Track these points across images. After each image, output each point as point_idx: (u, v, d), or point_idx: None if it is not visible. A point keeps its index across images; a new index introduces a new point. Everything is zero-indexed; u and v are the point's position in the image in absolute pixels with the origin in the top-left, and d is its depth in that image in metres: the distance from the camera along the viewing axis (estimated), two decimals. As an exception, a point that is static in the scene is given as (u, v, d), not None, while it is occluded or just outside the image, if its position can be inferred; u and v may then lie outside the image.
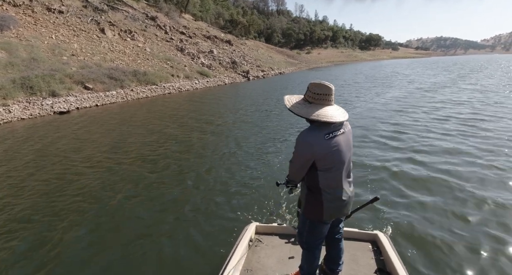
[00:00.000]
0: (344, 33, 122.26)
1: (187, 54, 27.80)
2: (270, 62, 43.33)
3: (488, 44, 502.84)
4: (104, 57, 20.04)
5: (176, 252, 3.53)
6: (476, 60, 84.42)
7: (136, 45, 24.34)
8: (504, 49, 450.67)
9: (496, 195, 4.71)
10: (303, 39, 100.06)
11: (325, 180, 1.95)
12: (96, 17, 24.50)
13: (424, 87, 20.09)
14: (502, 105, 12.42)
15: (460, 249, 3.47)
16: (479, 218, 4.11)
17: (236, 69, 29.97)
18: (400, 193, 4.90)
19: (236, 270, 2.42)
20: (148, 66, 21.75)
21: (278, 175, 5.59)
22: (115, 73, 17.74)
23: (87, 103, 14.57)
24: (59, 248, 3.69)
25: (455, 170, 5.71)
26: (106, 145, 8.15)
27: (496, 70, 35.48)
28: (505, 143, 7.29)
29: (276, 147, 7.67)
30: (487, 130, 8.59)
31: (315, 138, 1.86)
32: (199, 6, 54.23)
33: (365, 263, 2.56)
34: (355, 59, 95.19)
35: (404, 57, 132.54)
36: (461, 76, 27.85)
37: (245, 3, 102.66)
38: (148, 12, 32.70)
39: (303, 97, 1.97)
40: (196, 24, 42.16)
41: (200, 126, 10.42)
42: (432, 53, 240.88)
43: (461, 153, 6.67)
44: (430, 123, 9.67)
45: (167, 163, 6.66)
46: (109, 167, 6.43)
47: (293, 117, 10.70)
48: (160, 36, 29.10)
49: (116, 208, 4.62)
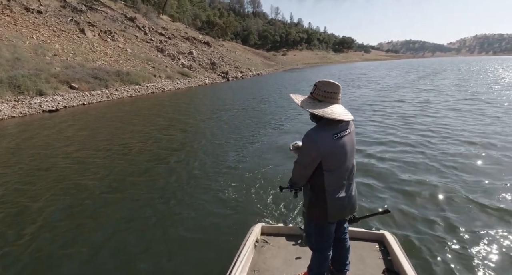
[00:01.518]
0: (319, 35, 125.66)
1: (167, 55, 28.39)
2: (248, 63, 44.50)
3: (454, 47, 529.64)
4: (86, 57, 20.38)
5: (183, 254, 3.55)
6: (440, 62, 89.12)
7: (117, 46, 24.70)
8: (469, 52, 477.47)
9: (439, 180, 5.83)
10: (279, 41, 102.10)
11: (331, 181, 1.94)
12: (75, 17, 24.65)
13: (383, 87, 21.58)
14: (443, 104, 13.83)
15: (469, 248, 3.48)
16: (486, 218, 4.19)
17: (215, 70, 30.87)
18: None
19: (243, 271, 2.40)
20: (130, 67, 22.24)
21: (282, 175, 5.67)
22: (99, 73, 18.22)
23: (74, 102, 15.04)
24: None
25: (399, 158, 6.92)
26: (98, 141, 8.92)
27: (453, 72, 38.08)
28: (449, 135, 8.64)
29: (280, 147, 7.75)
30: (422, 123, 9.71)
31: (322, 137, 1.86)
32: (176, 7, 54.55)
33: (372, 263, 2.55)
34: (329, 61, 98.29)
35: (375, 59, 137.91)
36: (419, 77, 29.92)
37: (221, 4, 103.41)
38: (127, 13, 32.95)
39: (310, 95, 1.97)
40: (175, 25, 42.61)
41: (203, 123, 11.34)
42: (402, 55, 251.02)
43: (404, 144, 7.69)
44: (373, 118, 10.76)
45: (169, 161, 6.84)
46: (107, 166, 6.73)
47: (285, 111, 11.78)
48: (140, 37, 29.49)
49: (124, 210, 4.66)
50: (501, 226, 3.94)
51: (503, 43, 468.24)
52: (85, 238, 3.93)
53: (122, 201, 4.92)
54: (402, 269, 2.34)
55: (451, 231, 3.83)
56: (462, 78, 28.32)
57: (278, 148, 7.63)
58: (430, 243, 3.56)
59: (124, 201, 4.92)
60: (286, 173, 5.57)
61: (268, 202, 4.67)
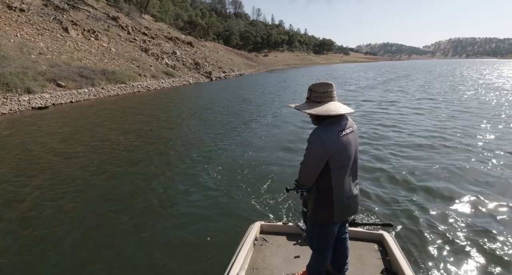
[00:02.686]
0: (299, 37, 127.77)
1: (151, 55, 28.77)
2: (230, 64, 45.24)
3: (429, 50, 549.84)
4: (71, 56, 20.59)
5: (182, 252, 3.59)
6: (415, 64, 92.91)
7: (101, 45, 24.91)
8: (443, 55, 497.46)
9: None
10: (261, 42, 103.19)
11: (337, 180, 1.96)
12: (58, 16, 24.68)
13: (356, 88, 22.78)
14: (404, 103, 14.82)
15: (468, 248, 3.55)
16: (484, 213, 4.32)
17: (199, 70, 31.47)
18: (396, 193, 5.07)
19: (242, 269, 2.41)
20: (115, 66, 22.57)
21: (281, 173, 5.80)
22: (85, 72, 18.54)
23: (62, 99, 15.38)
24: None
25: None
26: (89, 137, 9.51)
27: (423, 74, 39.90)
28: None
29: (282, 145, 7.99)
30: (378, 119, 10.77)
31: (329, 135, 1.88)
32: (158, 7, 54.57)
33: (371, 263, 2.56)
34: (310, 62, 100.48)
35: (354, 61, 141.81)
36: (390, 79, 31.47)
37: (203, 4, 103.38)
38: (109, 12, 33.00)
39: (307, 100, 2.00)
40: (157, 25, 42.80)
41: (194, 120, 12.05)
42: (380, 58, 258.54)
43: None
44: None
45: (170, 160, 6.97)
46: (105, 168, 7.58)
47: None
48: (124, 36, 29.70)
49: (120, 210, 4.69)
50: (500, 225, 3.99)
51: (475, 47, 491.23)
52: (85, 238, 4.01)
53: (120, 199, 5.01)
54: (400, 269, 2.36)
55: (449, 231, 3.87)
56: (430, 79, 30.16)
57: (276, 146, 7.93)
58: (428, 244, 3.62)
59: (121, 198, 5.02)
60: (286, 171, 5.90)
61: (268, 200, 4.70)
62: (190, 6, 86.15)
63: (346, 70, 57.57)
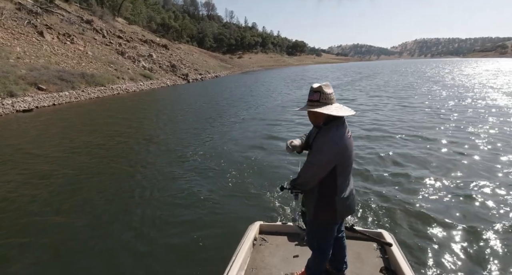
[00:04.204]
0: (273, 39, 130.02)
1: (128, 58, 29.22)
2: (206, 66, 46.11)
3: (396, 50, 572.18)
4: (49, 60, 20.86)
5: (181, 252, 3.63)
6: (383, 64, 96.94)
7: (77, 49, 25.17)
8: (410, 55, 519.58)
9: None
10: (234, 44, 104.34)
11: (341, 180, 1.97)
12: (32, 20, 24.70)
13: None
14: (360, 101, 16.10)
15: (466, 246, 3.56)
16: (481, 210, 4.33)
17: (176, 72, 32.21)
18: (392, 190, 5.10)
19: (241, 269, 2.43)
20: (93, 69, 22.98)
21: (280, 174, 5.83)
22: (64, 75, 18.97)
23: (45, 102, 15.86)
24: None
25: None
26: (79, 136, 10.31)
27: (387, 74, 41.36)
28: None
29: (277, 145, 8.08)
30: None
31: (340, 137, 1.90)
32: (131, 10, 54.49)
33: (370, 261, 2.58)
34: (283, 63, 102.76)
35: (326, 62, 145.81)
36: (356, 79, 32.82)
37: (175, 6, 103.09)
38: (82, 16, 33.03)
39: (317, 102, 1.93)
40: (131, 28, 42.97)
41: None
42: (351, 59, 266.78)
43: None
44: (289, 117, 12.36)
45: (171, 160, 7.05)
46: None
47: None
48: (99, 40, 29.94)
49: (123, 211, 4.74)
50: (499, 224, 3.99)
51: (439, 47, 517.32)
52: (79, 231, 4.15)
53: (117, 199, 5.10)
54: (399, 268, 2.37)
55: (448, 229, 3.91)
56: (390, 79, 32.08)
57: (273, 144, 8.14)
58: (427, 242, 3.66)
59: (121, 199, 5.12)
60: (286, 170, 6.03)
61: (267, 200, 4.75)
62: (163, 8, 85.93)
63: (317, 70, 59.74)
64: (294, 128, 10.13)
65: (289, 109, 13.04)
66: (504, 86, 21.11)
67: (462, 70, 45.04)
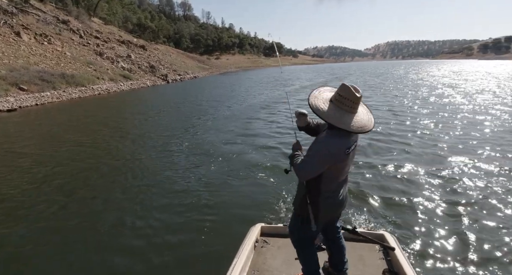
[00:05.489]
0: (250, 40, 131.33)
1: (106, 58, 29.42)
2: (184, 66, 46.60)
3: (370, 52, 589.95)
4: (27, 60, 20.95)
5: (182, 254, 3.63)
6: (356, 66, 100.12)
7: (55, 49, 25.21)
8: (382, 57, 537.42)
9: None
10: (212, 45, 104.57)
11: (328, 185, 1.95)
12: (8, 20, 24.52)
13: (290, 90, 24.05)
14: None
15: (468, 248, 3.56)
16: (482, 215, 4.26)
17: (155, 73, 32.66)
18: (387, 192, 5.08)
19: (242, 271, 2.42)
20: (72, 70, 23.19)
21: (280, 175, 5.74)
22: (45, 76, 19.23)
23: (27, 102, 16.18)
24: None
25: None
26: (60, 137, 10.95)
27: (359, 75, 43.15)
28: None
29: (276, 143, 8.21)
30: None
31: (339, 150, 1.82)
32: (106, 10, 54.03)
33: (372, 263, 2.57)
34: (261, 64, 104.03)
35: (302, 63, 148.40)
36: (328, 80, 34.57)
37: (151, 6, 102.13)
38: (58, 15, 32.80)
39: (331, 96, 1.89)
40: (108, 28, 42.83)
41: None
42: (326, 60, 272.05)
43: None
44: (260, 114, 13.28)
45: (171, 161, 7.05)
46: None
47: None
48: (77, 40, 29.93)
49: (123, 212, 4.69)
50: (500, 226, 3.98)
51: (410, 49, 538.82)
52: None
53: (113, 201, 5.07)
54: (401, 270, 2.35)
55: (450, 231, 3.88)
56: (358, 80, 33.40)
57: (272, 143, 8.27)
58: (429, 244, 3.62)
59: (120, 201, 5.08)
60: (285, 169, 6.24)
61: (268, 202, 4.75)
62: (138, 8, 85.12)
63: (293, 71, 61.14)
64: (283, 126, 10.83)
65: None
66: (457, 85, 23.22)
67: (420, 72, 47.99)
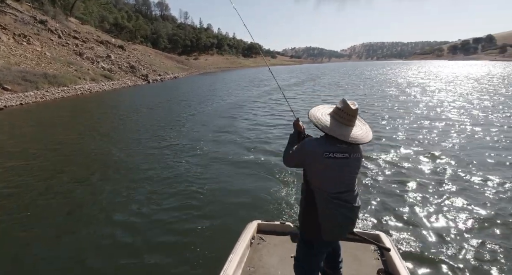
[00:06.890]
0: (228, 41, 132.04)
1: (86, 59, 29.62)
2: (164, 67, 46.99)
3: (346, 53, 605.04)
4: (8, 60, 21.08)
5: (177, 251, 3.64)
6: (333, 66, 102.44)
7: (35, 49, 25.28)
8: (358, 57, 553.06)
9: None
10: (190, 45, 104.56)
11: (323, 202, 1.83)
12: (-15, 20, 24.39)
13: (267, 90, 24.17)
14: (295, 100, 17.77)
15: (463, 248, 3.57)
16: (477, 216, 4.26)
17: (135, 73, 33.10)
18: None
19: (238, 267, 2.42)
20: (53, 70, 23.43)
21: (278, 172, 5.87)
22: (27, 76, 19.53)
23: (12, 102, 16.53)
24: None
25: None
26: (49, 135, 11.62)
27: (333, 75, 43.99)
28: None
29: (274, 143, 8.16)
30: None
31: (314, 150, 1.80)
32: (83, 9, 53.46)
33: (367, 263, 2.57)
34: (240, 65, 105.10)
35: (281, 64, 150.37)
36: (303, 80, 34.79)
37: (127, 6, 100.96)
38: (35, 15, 32.56)
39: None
40: (85, 28, 42.64)
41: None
42: (304, 60, 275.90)
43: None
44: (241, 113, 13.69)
45: (167, 161, 6.98)
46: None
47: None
48: (55, 40, 29.93)
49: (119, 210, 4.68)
50: (495, 227, 3.98)
51: (384, 50, 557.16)
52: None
53: (112, 199, 5.09)
54: (396, 270, 2.35)
55: (444, 232, 3.90)
56: (332, 80, 34.35)
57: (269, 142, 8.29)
58: (424, 245, 3.64)
59: (118, 197, 5.12)
60: (284, 169, 5.87)
61: (265, 199, 4.78)
62: (114, 7, 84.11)
63: (269, 72, 61.81)
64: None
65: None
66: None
67: (388, 72, 50.61)
